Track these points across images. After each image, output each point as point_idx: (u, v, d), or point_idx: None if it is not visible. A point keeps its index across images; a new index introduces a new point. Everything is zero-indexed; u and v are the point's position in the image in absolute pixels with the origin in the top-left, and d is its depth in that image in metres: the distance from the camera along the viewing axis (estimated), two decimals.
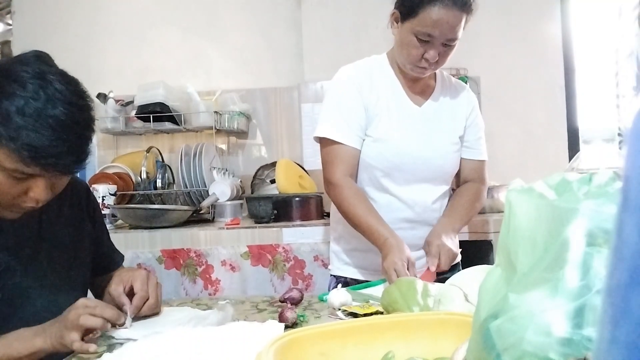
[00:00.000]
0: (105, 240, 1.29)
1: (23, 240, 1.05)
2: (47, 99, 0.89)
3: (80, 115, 0.94)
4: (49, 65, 0.94)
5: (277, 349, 0.64)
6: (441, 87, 1.50)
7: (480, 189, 1.51)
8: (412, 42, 1.31)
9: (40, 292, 1.05)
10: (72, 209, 1.16)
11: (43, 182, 0.94)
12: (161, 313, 1.11)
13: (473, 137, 1.52)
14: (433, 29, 1.27)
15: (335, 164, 1.39)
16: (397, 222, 1.40)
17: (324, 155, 1.43)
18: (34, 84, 0.89)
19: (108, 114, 2.54)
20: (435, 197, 1.45)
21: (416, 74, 1.38)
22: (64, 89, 0.92)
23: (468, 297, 0.85)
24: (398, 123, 1.41)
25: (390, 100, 1.42)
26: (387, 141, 1.39)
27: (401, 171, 1.41)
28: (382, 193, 1.43)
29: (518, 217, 0.51)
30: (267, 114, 2.83)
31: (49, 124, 0.88)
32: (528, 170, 2.63)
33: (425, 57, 1.32)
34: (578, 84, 2.78)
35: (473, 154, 1.52)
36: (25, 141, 0.87)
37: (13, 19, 2.92)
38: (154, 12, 2.88)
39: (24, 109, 0.87)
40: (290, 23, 2.83)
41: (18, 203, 0.96)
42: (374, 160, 1.41)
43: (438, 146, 1.44)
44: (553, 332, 0.43)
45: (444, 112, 1.47)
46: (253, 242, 2.09)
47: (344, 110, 1.40)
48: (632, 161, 0.27)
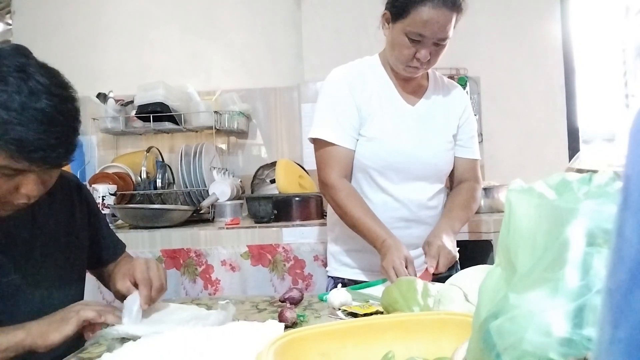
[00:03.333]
0: (104, 230, 1.28)
1: (16, 238, 1.05)
2: (30, 92, 0.88)
3: (65, 106, 0.93)
4: (28, 58, 0.92)
5: (277, 349, 0.64)
6: (434, 86, 1.51)
7: (475, 188, 1.52)
8: (403, 42, 1.32)
9: (35, 289, 1.05)
10: (64, 204, 1.16)
11: (33, 177, 0.93)
12: (165, 310, 1.10)
13: (466, 136, 1.53)
14: (424, 28, 1.28)
15: (330, 165, 1.40)
16: (393, 221, 1.41)
17: (319, 157, 1.44)
18: (16, 78, 0.88)
19: (108, 114, 2.54)
20: (430, 195, 1.46)
21: (408, 73, 1.39)
22: (46, 81, 0.90)
23: (468, 297, 0.85)
24: (392, 122, 1.42)
25: (383, 99, 1.43)
26: (381, 140, 1.40)
27: (396, 170, 1.42)
28: (378, 192, 1.43)
29: (518, 217, 0.51)
30: (267, 114, 2.83)
31: (34, 117, 0.87)
32: (528, 170, 2.63)
33: (417, 57, 1.33)
34: (578, 84, 2.78)
35: (466, 152, 1.53)
36: (11, 136, 0.86)
37: (13, 19, 2.92)
38: (154, 12, 2.88)
39: (7, 104, 0.86)
40: (290, 23, 2.83)
41: (10, 200, 0.95)
42: (369, 159, 1.41)
43: (432, 144, 1.44)
44: (553, 332, 0.43)
45: (437, 111, 1.48)
46: (253, 242, 2.09)
47: (337, 111, 1.40)
48: (632, 161, 0.27)
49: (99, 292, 1.95)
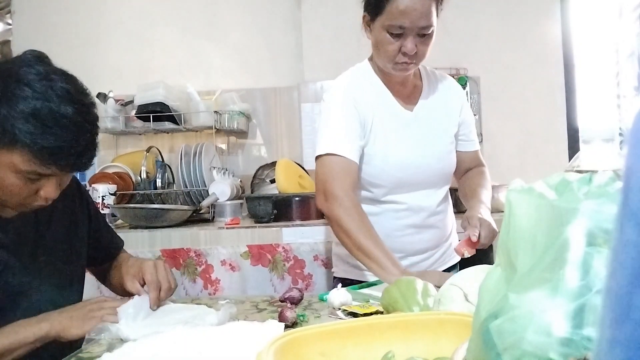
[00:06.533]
0: (104, 229, 1.29)
1: (22, 238, 1.05)
2: (59, 99, 0.90)
3: (89, 112, 0.96)
4: (49, 65, 0.95)
5: (277, 349, 0.64)
6: (428, 84, 1.48)
7: (485, 171, 1.55)
8: (385, 38, 1.29)
9: (39, 288, 1.06)
10: (65, 202, 1.17)
11: (54, 181, 0.95)
12: (165, 310, 1.10)
13: (467, 130, 1.53)
14: (403, 19, 1.25)
15: (340, 178, 1.32)
16: (403, 228, 1.40)
17: (323, 170, 1.35)
18: (42, 85, 0.89)
19: (108, 114, 2.54)
20: (440, 200, 1.45)
21: (399, 72, 1.35)
22: (70, 88, 0.93)
23: (468, 297, 0.85)
24: (395, 135, 1.39)
25: (382, 110, 1.40)
26: (387, 157, 1.37)
27: (407, 182, 1.40)
28: (387, 204, 1.41)
29: (518, 217, 0.51)
30: (267, 114, 2.83)
31: (64, 125, 0.90)
32: (528, 170, 2.63)
33: (403, 51, 1.29)
34: (578, 84, 2.78)
35: (469, 145, 1.54)
36: (43, 144, 0.88)
37: (13, 19, 2.92)
38: (154, 12, 2.87)
39: (39, 111, 0.88)
40: (290, 23, 2.83)
41: (27, 203, 0.97)
42: (378, 178, 1.39)
43: (436, 150, 1.44)
44: (553, 332, 0.43)
45: (436, 112, 1.46)
46: (253, 241, 2.10)
47: (345, 126, 1.35)
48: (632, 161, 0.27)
49: (99, 292, 1.95)
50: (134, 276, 1.13)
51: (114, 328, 0.98)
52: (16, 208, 0.98)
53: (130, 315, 1.01)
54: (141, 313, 1.03)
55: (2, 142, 0.88)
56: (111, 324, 0.98)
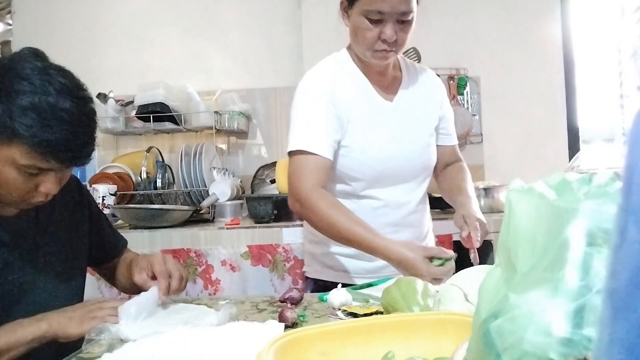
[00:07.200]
0: (105, 227, 1.29)
1: (21, 235, 1.06)
2: (57, 94, 0.90)
3: (87, 106, 0.96)
4: (46, 61, 0.95)
5: (277, 349, 0.64)
6: (408, 75, 1.44)
7: (465, 166, 1.53)
8: (364, 24, 1.24)
9: (39, 286, 1.06)
10: (65, 200, 1.17)
11: (54, 176, 0.96)
12: (165, 310, 1.10)
13: (447, 124, 1.51)
14: (381, 3, 1.20)
15: (305, 176, 1.28)
16: (381, 226, 1.32)
17: (290, 170, 1.32)
18: (41, 80, 0.90)
19: (108, 114, 2.54)
20: (419, 198, 1.43)
21: (378, 60, 1.30)
22: (68, 82, 0.93)
23: (468, 297, 0.85)
24: (374, 126, 1.35)
25: (361, 101, 1.35)
26: (366, 149, 1.34)
27: (386, 176, 1.36)
28: (366, 199, 1.37)
29: (518, 217, 0.51)
30: (267, 114, 2.83)
31: (63, 118, 0.90)
32: (528, 170, 2.63)
33: (382, 38, 1.24)
34: (578, 83, 2.78)
35: (449, 139, 1.53)
36: (43, 138, 0.88)
37: (13, 19, 2.92)
38: (154, 12, 2.88)
39: (38, 105, 0.88)
40: (290, 23, 2.83)
41: (27, 199, 0.97)
42: (357, 171, 1.34)
43: (416, 142, 1.41)
44: (553, 332, 0.43)
45: (417, 102, 1.43)
46: (253, 242, 2.10)
47: (316, 120, 1.31)
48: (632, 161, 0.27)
49: (99, 292, 1.95)
50: (142, 269, 1.13)
51: (114, 328, 0.97)
52: (16, 205, 0.98)
53: (131, 315, 1.00)
54: (142, 313, 1.03)
55: (1, 136, 0.89)
56: (111, 324, 0.98)
